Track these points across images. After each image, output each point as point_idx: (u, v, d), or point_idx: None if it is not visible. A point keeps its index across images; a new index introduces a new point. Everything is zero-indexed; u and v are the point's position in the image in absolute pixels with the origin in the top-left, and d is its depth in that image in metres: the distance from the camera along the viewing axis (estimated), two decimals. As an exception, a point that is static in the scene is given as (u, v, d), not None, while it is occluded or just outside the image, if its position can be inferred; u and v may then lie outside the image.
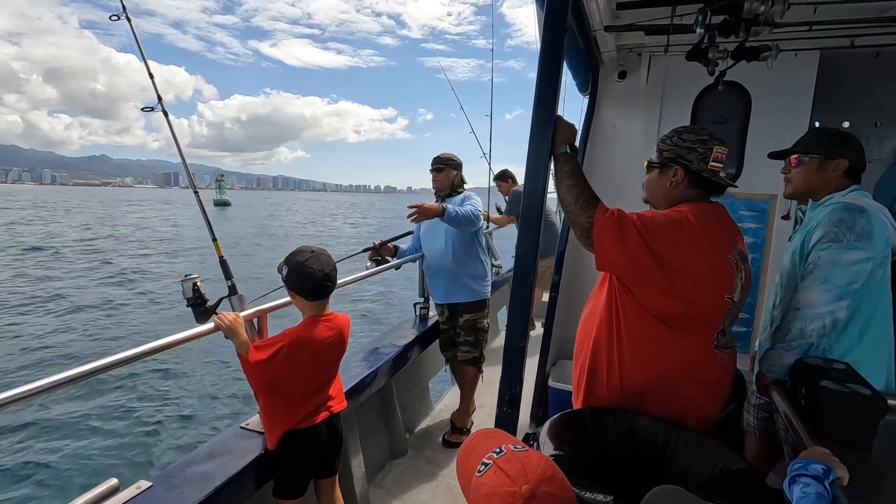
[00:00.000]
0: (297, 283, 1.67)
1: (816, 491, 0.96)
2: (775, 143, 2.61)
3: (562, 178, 1.40)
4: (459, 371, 3.06)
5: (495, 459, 0.77)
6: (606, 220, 1.29)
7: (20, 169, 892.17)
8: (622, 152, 2.77)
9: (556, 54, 1.41)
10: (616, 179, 2.68)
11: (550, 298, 2.77)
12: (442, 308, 3.04)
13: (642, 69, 2.69)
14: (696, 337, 1.37)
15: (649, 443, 1.39)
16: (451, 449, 2.83)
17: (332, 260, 1.73)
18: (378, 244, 3.04)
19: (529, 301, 1.48)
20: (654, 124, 2.71)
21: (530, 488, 0.70)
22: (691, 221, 1.32)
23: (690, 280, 1.30)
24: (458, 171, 2.93)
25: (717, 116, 2.64)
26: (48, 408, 5.92)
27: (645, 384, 1.40)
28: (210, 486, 1.42)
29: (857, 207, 1.50)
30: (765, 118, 2.57)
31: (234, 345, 1.59)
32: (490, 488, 0.73)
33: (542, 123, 1.40)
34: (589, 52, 2.55)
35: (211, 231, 1.80)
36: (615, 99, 2.81)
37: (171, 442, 5.33)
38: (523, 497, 0.70)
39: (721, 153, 1.42)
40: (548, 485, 0.72)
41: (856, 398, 1.24)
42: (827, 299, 1.48)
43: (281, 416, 1.64)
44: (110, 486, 1.23)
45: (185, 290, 1.61)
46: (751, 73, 2.33)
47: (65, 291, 12.56)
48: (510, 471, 0.74)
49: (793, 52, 2.31)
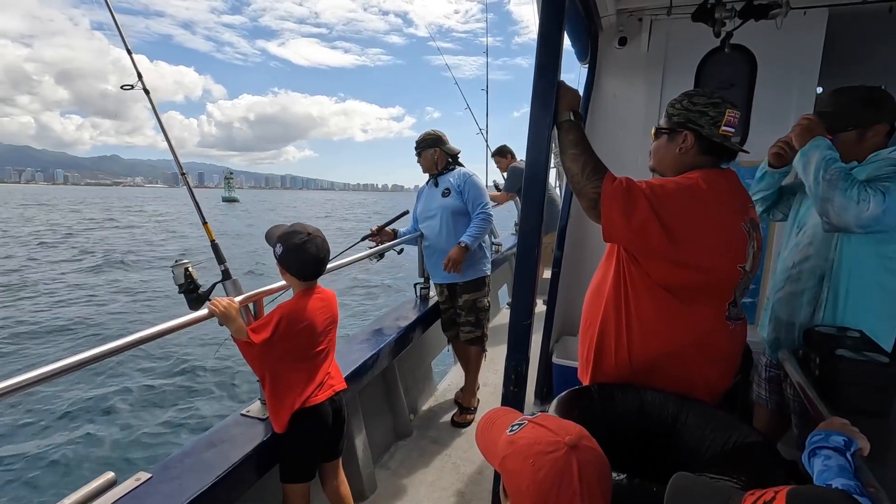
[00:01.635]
0: (292, 264, 1.68)
1: (838, 463, 0.93)
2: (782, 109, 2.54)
3: (566, 147, 1.33)
4: (463, 351, 3.03)
5: (530, 419, 0.79)
6: (615, 190, 1.23)
7: (33, 169, 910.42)
8: (623, 123, 2.69)
9: (557, 16, 1.33)
10: (617, 151, 2.60)
11: (553, 275, 2.73)
12: (441, 288, 3.01)
13: (643, 34, 2.59)
14: (708, 309, 1.33)
15: (658, 418, 1.36)
16: (456, 429, 2.82)
17: (326, 242, 1.72)
18: (375, 230, 3.01)
19: (534, 278, 1.43)
20: (657, 93, 2.62)
21: (573, 439, 0.72)
22: (703, 188, 1.27)
23: (702, 249, 1.24)
24: (437, 148, 2.88)
25: (723, 82, 2.55)
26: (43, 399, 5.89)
27: (654, 358, 1.36)
28: (211, 475, 1.39)
29: None
30: (771, 83, 2.48)
31: (230, 330, 1.54)
32: (530, 439, 0.74)
33: (543, 91, 1.33)
34: (588, 17, 2.45)
35: (200, 214, 1.74)
36: (615, 67, 2.72)
37: (170, 431, 5.31)
38: (567, 445, 0.71)
39: (733, 117, 1.35)
40: (588, 441, 0.74)
41: (873, 367, 1.21)
42: (881, 216, 1.30)
43: (289, 394, 1.61)
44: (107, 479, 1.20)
45: (177, 276, 1.55)
46: (757, 35, 2.24)
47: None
48: (550, 426, 0.75)
49: (801, 10, 2.22)
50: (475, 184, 2.83)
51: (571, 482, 0.68)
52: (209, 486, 1.35)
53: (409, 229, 3.14)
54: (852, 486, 0.87)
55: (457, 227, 2.84)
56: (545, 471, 0.70)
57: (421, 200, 3.05)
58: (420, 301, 3.21)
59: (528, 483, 0.71)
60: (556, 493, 0.69)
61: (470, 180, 2.83)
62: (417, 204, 3.09)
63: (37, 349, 7.82)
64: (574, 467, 0.69)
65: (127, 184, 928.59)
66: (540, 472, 0.70)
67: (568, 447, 0.70)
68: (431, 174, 2.95)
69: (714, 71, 2.55)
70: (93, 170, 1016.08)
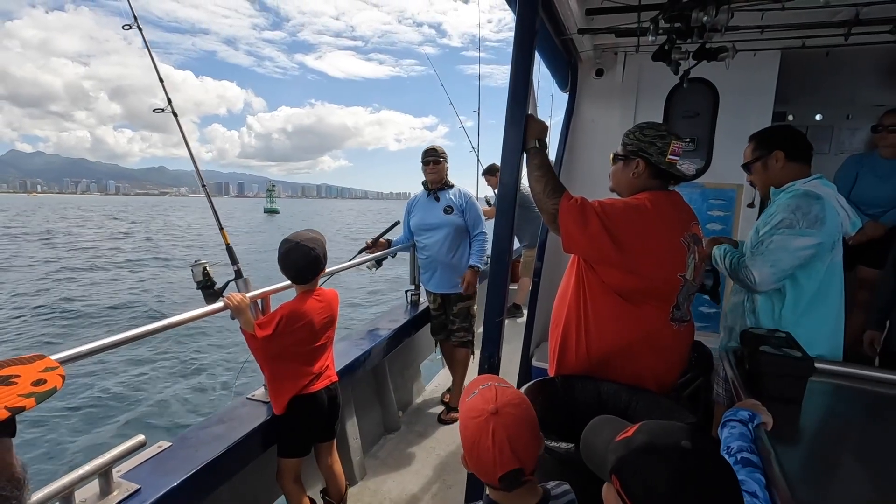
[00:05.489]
0: (284, 269, 1.90)
1: (740, 431, 1.15)
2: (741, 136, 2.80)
3: (532, 170, 1.57)
4: (452, 352, 3.23)
5: (480, 389, 0.99)
6: (570, 207, 1.46)
7: (88, 180, 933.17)
8: (600, 145, 2.94)
9: (526, 57, 1.57)
10: (595, 170, 2.85)
11: (533, 284, 2.95)
12: (434, 296, 3.18)
13: (618, 67, 2.86)
14: (653, 310, 1.55)
15: (614, 405, 1.57)
16: (442, 426, 3.02)
17: (317, 249, 1.87)
18: (371, 242, 3.17)
19: (506, 280, 1.65)
20: (630, 119, 2.88)
21: (496, 406, 0.92)
22: (647, 207, 1.49)
23: (645, 259, 1.47)
24: (447, 164, 3.09)
25: (688, 111, 2.82)
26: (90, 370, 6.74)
27: (608, 352, 1.57)
28: (222, 446, 1.61)
29: (815, 195, 1.68)
30: (732, 112, 2.75)
31: (240, 322, 1.76)
32: (469, 406, 0.97)
33: (515, 121, 1.57)
34: (567, 52, 2.71)
35: (217, 220, 1.95)
36: (593, 95, 2.98)
37: (187, 409, 6.00)
38: (488, 412, 0.92)
39: (678, 147, 1.57)
40: (513, 408, 0.93)
41: (787, 360, 1.42)
42: (770, 280, 1.66)
43: (286, 382, 1.82)
44: (138, 440, 1.40)
45: (196, 274, 1.77)
46: (718, 70, 2.51)
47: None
48: (486, 395, 0.96)
49: (751, 52, 2.49)
50: (476, 206, 3.06)
51: (486, 442, 0.90)
52: (218, 456, 1.58)
53: (400, 239, 3.30)
54: (746, 447, 1.09)
55: (461, 243, 3.04)
56: (470, 431, 0.93)
57: (417, 212, 3.16)
58: (411, 306, 3.42)
59: (463, 441, 0.96)
60: (476, 449, 0.92)
61: (471, 202, 3.05)
62: (412, 215, 3.20)
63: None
64: (490, 430, 0.90)
65: (172, 193, 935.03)
66: (467, 433, 0.94)
67: (489, 413, 0.92)
68: (433, 187, 3.08)
69: (680, 101, 2.82)
70: (141, 180, 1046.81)
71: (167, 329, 1.52)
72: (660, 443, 0.65)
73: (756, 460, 1.06)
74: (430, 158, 3.03)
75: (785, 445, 1.14)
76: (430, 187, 3.09)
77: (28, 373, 0.55)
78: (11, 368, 0.55)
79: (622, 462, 0.66)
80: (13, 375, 0.54)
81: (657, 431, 0.68)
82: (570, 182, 2.96)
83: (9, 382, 0.53)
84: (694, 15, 1.49)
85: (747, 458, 1.05)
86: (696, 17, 1.49)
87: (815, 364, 1.41)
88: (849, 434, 1.32)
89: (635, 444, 0.67)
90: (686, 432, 0.67)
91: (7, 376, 0.54)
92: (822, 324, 1.75)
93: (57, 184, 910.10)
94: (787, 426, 1.24)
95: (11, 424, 0.53)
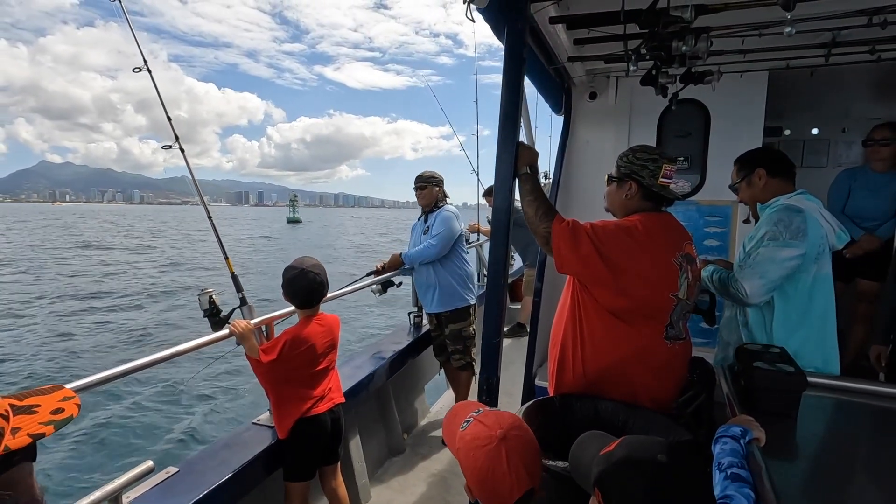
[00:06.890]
0: (288, 295, 1.96)
1: (732, 447, 1.17)
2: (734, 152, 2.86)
3: (524, 194, 1.63)
4: (454, 375, 3.26)
5: (475, 416, 1.00)
6: (562, 230, 1.51)
7: (114, 190, 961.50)
8: (594, 166, 3.00)
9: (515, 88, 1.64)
10: (590, 191, 2.90)
11: (534, 304, 2.98)
12: (431, 317, 3.26)
13: (611, 90, 2.94)
14: (646, 329, 1.58)
15: (611, 423, 1.59)
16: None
17: (321, 275, 1.96)
18: (380, 266, 3.22)
19: (501, 302, 1.69)
20: (624, 140, 2.95)
21: (503, 431, 0.93)
22: (639, 229, 1.54)
23: (636, 280, 1.51)
24: (439, 188, 3.18)
25: (680, 131, 2.89)
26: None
27: (603, 371, 1.60)
28: (228, 471, 1.64)
29: (796, 208, 1.74)
30: (723, 130, 2.81)
31: (245, 348, 1.81)
32: (472, 435, 0.96)
33: (506, 148, 1.63)
34: (560, 78, 2.80)
35: (223, 249, 2.01)
36: (587, 118, 3.06)
37: (194, 434, 5.99)
38: (497, 438, 0.92)
39: (669, 170, 1.60)
40: (517, 430, 0.95)
41: (780, 375, 1.45)
42: (760, 291, 1.69)
43: (290, 406, 1.86)
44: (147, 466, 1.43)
45: (202, 302, 1.83)
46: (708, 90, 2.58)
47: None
48: (487, 422, 0.97)
49: (738, 73, 2.56)
50: (443, 218, 3.09)
51: (501, 467, 0.90)
52: (224, 481, 1.60)
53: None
54: (737, 462, 1.11)
55: (448, 263, 3.10)
56: (481, 461, 0.93)
57: (412, 235, 3.33)
58: (413, 328, 3.45)
59: (472, 471, 0.95)
60: (491, 477, 0.91)
61: (441, 215, 3.10)
62: (411, 238, 3.35)
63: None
64: (503, 455, 0.91)
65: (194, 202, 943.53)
66: (478, 462, 0.93)
67: (498, 439, 0.92)
68: (424, 211, 3.22)
69: (673, 121, 2.89)
70: (164, 190, 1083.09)
71: (175, 357, 1.57)
72: (637, 456, 0.69)
73: (746, 475, 1.08)
74: (416, 185, 3.19)
75: (777, 460, 1.16)
76: (423, 211, 3.24)
77: (48, 402, 0.61)
78: (33, 399, 0.61)
79: (602, 475, 0.70)
80: (35, 405, 0.59)
81: (636, 446, 0.71)
82: (567, 202, 3.02)
83: (31, 411, 0.58)
84: (674, 44, 1.56)
85: (737, 473, 1.07)
86: (676, 47, 1.57)
87: (808, 379, 1.43)
88: (843, 448, 1.34)
89: (615, 458, 0.71)
90: (664, 447, 0.71)
91: (29, 406, 0.59)
92: (814, 335, 1.78)
93: (84, 193, 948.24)
94: (779, 441, 1.26)
95: (33, 450, 0.58)
